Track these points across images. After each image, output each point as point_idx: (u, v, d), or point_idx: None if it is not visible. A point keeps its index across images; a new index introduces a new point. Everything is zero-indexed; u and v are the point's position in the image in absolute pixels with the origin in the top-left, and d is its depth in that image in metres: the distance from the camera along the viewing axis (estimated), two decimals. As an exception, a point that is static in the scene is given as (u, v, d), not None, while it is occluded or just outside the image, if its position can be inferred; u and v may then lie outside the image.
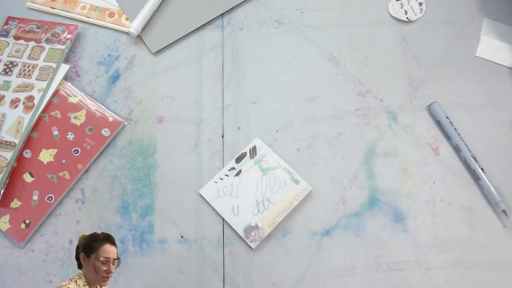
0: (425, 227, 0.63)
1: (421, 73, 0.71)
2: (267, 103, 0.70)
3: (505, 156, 0.66)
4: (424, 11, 0.75)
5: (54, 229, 0.65)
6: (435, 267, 0.60)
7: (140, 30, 0.73)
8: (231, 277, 0.61)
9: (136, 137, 0.69)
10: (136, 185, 0.66)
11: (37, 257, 0.63)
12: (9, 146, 0.66)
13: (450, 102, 0.69)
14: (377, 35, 0.74)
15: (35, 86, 0.69)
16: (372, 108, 0.70)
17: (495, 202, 0.62)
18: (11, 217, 0.64)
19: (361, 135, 0.68)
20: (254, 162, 0.65)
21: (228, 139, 0.68)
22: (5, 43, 0.73)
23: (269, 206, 0.63)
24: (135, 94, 0.72)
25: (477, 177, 0.64)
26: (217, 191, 0.64)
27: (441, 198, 0.64)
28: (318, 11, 0.76)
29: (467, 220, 0.63)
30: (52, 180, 0.66)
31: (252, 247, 0.61)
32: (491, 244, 0.62)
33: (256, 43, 0.74)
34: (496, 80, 0.70)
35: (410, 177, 0.65)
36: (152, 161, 0.67)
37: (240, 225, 0.62)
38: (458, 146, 0.65)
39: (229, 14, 0.76)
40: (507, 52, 0.72)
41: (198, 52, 0.74)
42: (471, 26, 0.74)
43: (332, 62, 0.73)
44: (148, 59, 0.74)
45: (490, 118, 0.68)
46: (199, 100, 0.71)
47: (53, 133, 0.68)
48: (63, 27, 0.74)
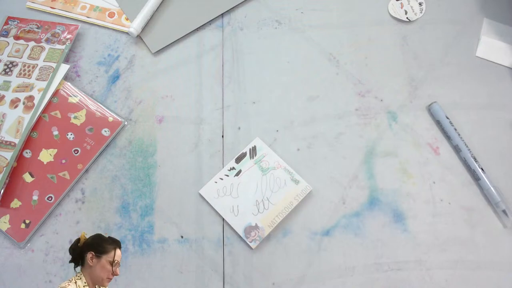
0: (425, 227, 0.63)
1: (421, 73, 0.71)
2: (267, 103, 0.70)
3: (505, 156, 0.66)
4: (424, 11, 0.75)
5: (54, 229, 0.65)
6: (435, 267, 0.60)
7: (140, 30, 0.73)
8: (231, 277, 0.61)
9: (136, 137, 0.69)
10: (136, 185, 0.66)
11: (37, 257, 0.63)
12: (9, 146, 0.66)
13: (450, 102, 0.69)
14: (377, 35, 0.74)
15: (35, 86, 0.69)
16: (372, 108, 0.69)
17: (495, 202, 0.62)
18: (11, 217, 0.64)
19: (361, 135, 0.68)
20: (254, 162, 0.65)
21: (228, 139, 0.68)
22: (5, 43, 0.73)
23: (269, 206, 0.63)
24: (135, 94, 0.72)
25: (477, 177, 0.64)
26: (217, 191, 0.64)
27: (441, 198, 0.64)
28: (318, 11, 0.76)
29: (467, 220, 0.63)
30: (52, 180, 0.66)
31: (252, 247, 0.61)
32: (491, 244, 0.62)
33: (256, 43, 0.74)
34: (496, 80, 0.70)
35: (410, 177, 0.65)
36: (152, 161, 0.67)
37: (240, 225, 0.62)
38: (458, 146, 0.65)
39: (229, 14, 0.76)
40: (507, 52, 0.72)
41: (198, 52, 0.74)
42: (471, 26, 0.74)
43: (332, 62, 0.73)
44: (148, 59, 0.74)
45: (490, 118, 0.68)
46: (199, 100, 0.71)
47: (53, 133, 0.68)
48: (63, 27, 0.74)
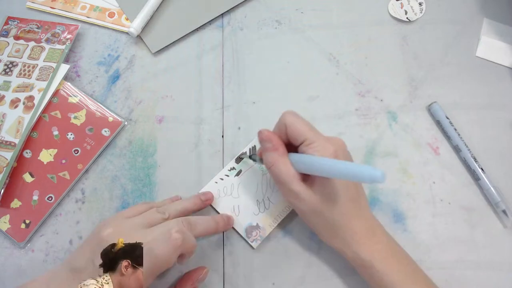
0: (425, 227, 0.63)
1: (421, 73, 0.71)
2: (267, 103, 0.70)
3: (505, 156, 0.66)
4: (424, 11, 0.75)
5: (54, 229, 0.65)
6: (435, 267, 0.60)
7: (140, 30, 0.73)
8: (231, 277, 0.61)
9: (136, 137, 0.69)
10: (136, 185, 0.66)
11: (37, 257, 0.63)
12: (9, 146, 0.66)
13: (450, 102, 0.69)
14: (377, 35, 0.74)
15: (35, 86, 0.70)
16: (372, 108, 0.70)
17: (495, 202, 0.62)
18: (11, 217, 0.64)
19: (361, 135, 0.68)
20: (254, 162, 0.65)
21: (228, 139, 0.68)
22: (5, 43, 0.73)
23: (269, 205, 0.63)
24: (135, 94, 0.72)
25: (477, 177, 0.64)
26: (218, 191, 0.64)
27: (441, 198, 0.64)
28: (318, 11, 0.76)
29: (467, 220, 0.63)
30: (52, 180, 0.66)
31: (253, 247, 0.61)
32: (491, 244, 0.62)
33: (256, 43, 0.74)
34: (496, 80, 0.70)
35: (410, 177, 0.65)
36: (152, 161, 0.68)
37: (241, 225, 0.62)
38: (458, 146, 0.65)
39: (229, 14, 0.76)
40: (507, 52, 0.72)
41: (198, 52, 0.74)
42: (471, 26, 0.74)
43: (332, 62, 0.73)
44: (148, 59, 0.74)
45: (490, 118, 0.68)
46: (199, 100, 0.71)
47: (53, 133, 0.68)
48: (63, 27, 0.74)
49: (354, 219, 0.53)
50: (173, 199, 0.63)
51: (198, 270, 0.57)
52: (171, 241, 0.48)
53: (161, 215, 0.54)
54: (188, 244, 0.50)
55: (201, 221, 0.55)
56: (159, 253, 0.48)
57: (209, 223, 0.57)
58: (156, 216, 0.54)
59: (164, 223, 0.52)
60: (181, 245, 0.49)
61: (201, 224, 0.55)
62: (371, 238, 0.53)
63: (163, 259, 0.48)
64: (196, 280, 0.56)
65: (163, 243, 0.48)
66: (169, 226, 0.51)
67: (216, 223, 0.58)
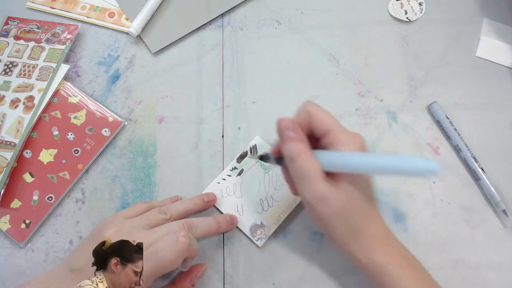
0: (425, 227, 0.63)
1: (421, 73, 0.71)
2: (267, 103, 0.70)
3: (505, 156, 0.66)
4: (424, 11, 0.75)
5: (54, 229, 0.65)
6: (435, 267, 0.60)
7: (140, 30, 0.73)
8: (231, 277, 0.61)
9: (136, 137, 0.69)
10: (136, 185, 0.66)
11: (37, 257, 0.63)
12: (9, 146, 0.66)
13: (450, 102, 0.69)
14: (377, 35, 0.74)
15: (35, 86, 0.70)
16: (372, 108, 0.70)
17: (495, 202, 0.62)
18: (11, 217, 0.64)
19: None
20: (255, 161, 0.65)
21: (228, 139, 0.68)
22: (5, 43, 0.73)
23: (273, 203, 0.63)
24: (135, 94, 0.72)
25: (477, 177, 0.64)
26: (221, 191, 0.64)
27: (441, 198, 0.64)
28: (318, 11, 0.76)
29: (467, 220, 0.63)
30: (52, 180, 0.66)
31: (258, 246, 0.61)
32: (491, 244, 0.62)
33: (256, 43, 0.74)
34: (496, 80, 0.70)
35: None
36: (152, 161, 0.68)
37: (246, 224, 0.62)
38: (458, 146, 0.65)
39: (229, 14, 0.76)
40: (507, 52, 0.72)
41: (198, 52, 0.74)
42: (471, 26, 0.74)
43: (332, 62, 0.73)
44: (148, 59, 0.74)
45: (490, 118, 0.68)
46: (199, 100, 0.71)
47: (53, 133, 0.68)
48: (63, 27, 0.74)
49: (373, 221, 0.49)
50: (173, 198, 0.63)
51: (196, 267, 0.57)
52: (178, 244, 0.48)
53: (163, 215, 0.54)
54: (193, 248, 0.50)
55: (202, 223, 0.55)
56: (166, 255, 0.48)
57: (210, 225, 0.57)
58: (158, 217, 0.54)
59: (166, 225, 0.52)
60: (187, 249, 0.49)
61: (202, 226, 0.55)
62: (388, 241, 0.51)
63: (168, 262, 0.48)
64: (195, 277, 0.56)
65: (170, 246, 0.48)
66: (171, 228, 0.51)
67: (217, 225, 0.57)
